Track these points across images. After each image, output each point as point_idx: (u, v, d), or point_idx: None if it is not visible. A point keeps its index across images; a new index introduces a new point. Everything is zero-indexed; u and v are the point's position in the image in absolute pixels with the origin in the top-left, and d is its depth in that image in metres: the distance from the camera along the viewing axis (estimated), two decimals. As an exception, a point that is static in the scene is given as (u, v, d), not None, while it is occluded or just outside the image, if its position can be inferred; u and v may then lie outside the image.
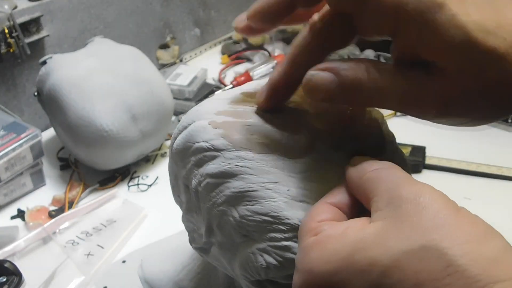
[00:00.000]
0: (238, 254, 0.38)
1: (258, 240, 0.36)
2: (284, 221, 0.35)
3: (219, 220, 0.38)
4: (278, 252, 0.35)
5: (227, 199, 0.37)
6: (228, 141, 0.37)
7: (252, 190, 0.36)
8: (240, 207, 0.36)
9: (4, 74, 0.90)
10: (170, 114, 0.87)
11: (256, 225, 0.36)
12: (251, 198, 0.36)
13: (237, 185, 0.36)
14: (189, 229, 0.45)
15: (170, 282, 0.55)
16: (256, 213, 0.36)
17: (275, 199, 0.36)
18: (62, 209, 0.78)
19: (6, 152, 0.75)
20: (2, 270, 0.62)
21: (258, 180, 0.36)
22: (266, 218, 0.35)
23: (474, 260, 0.25)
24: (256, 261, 0.36)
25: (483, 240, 0.26)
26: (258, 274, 0.37)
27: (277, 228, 0.35)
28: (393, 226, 0.27)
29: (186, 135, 0.40)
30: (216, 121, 0.39)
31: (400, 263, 0.26)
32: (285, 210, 0.35)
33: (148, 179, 0.84)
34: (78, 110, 0.77)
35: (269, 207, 0.35)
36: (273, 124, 0.39)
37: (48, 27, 0.92)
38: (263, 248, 0.36)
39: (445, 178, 0.81)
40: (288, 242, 0.35)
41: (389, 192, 0.29)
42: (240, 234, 0.37)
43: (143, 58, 0.87)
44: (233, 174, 0.37)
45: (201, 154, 0.39)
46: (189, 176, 0.40)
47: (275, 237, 0.35)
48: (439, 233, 0.26)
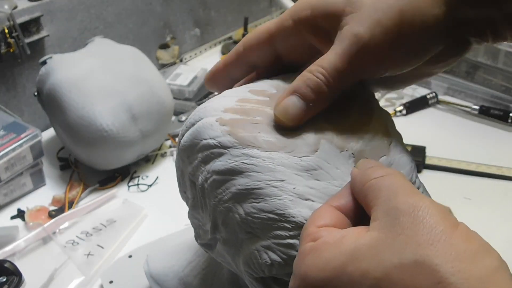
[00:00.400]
0: (243, 250, 0.38)
1: (263, 237, 0.36)
2: (289, 219, 0.35)
3: (225, 217, 0.38)
4: (283, 249, 0.36)
5: (233, 196, 0.37)
6: (235, 139, 0.38)
7: (258, 187, 0.36)
8: (246, 204, 0.36)
9: (4, 74, 0.90)
10: (170, 114, 0.87)
11: (261, 223, 0.36)
12: (257, 196, 0.36)
13: (243, 182, 0.37)
14: (195, 225, 0.45)
15: (175, 277, 0.55)
16: (261, 210, 0.36)
17: (280, 197, 0.36)
18: (62, 209, 0.78)
19: (6, 152, 0.75)
20: (2, 270, 0.62)
21: (264, 177, 0.36)
22: (271, 216, 0.36)
23: (465, 278, 0.25)
24: (261, 258, 0.36)
25: (476, 258, 0.26)
26: (262, 271, 0.37)
27: (282, 226, 0.35)
28: (388, 238, 0.27)
29: (193, 132, 0.40)
30: (223, 118, 0.39)
31: (392, 277, 0.26)
32: (291, 208, 0.35)
33: (148, 179, 0.84)
34: (78, 110, 0.77)
35: (274, 205, 0.36)
36: None
37: (48, 27, 0.92)
38: (268, 245, 0.36)
39: (445, 178, 0.81)
40: (292, 240, 0.35)
41: (388, 203, 0.29)
42: (245, 231, 0.37)
43: (143, 58, 0.87)
44: (240, 172, 0.37)
45: (208, 151, 0.39)
46: (196, 172, 0.40)
47: (280, 235, 0.35)
48: (432, 249, 0.26)
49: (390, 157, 0.39)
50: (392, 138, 0.41)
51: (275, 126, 0.39)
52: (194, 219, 0.44)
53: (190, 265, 0.54)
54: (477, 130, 0.93)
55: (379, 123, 0.41)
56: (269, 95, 0.41)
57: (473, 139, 0.90)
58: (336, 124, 0.39)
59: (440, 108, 0.99)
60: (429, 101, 0.99)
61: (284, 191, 0.36)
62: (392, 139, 0.40)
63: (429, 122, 0.96)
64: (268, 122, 0.39)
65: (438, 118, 0.97)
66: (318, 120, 0.39)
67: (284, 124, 0.38)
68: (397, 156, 0.40)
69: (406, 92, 1.03)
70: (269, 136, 0.38)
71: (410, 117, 0.97)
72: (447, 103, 0.99)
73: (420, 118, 0.97)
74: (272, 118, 0.39)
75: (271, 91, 0.42)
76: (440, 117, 0.97)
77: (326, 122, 0.39)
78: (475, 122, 0.95)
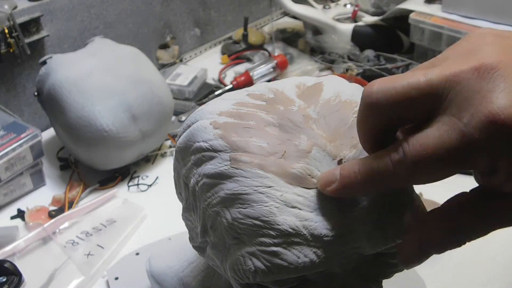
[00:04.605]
0: (229, 256, 0.38)
1: (248, 243, 0.36)
2: (274, 227, 0.35)
3: (213, 221, 0.38)
4: (266, 257, 0.35)
5: (221, 201, 0.37)
6: (226, 142, 0.38)
7: (245, 193, 0.36)
8: (233, 209, 0.36)
9: (4, 74, 0.90)
10: (170, 114, 0.87)
11: (246, 228, 0.36)
12: (244, 201, 0.36)
13: (231, 187, 0.36)
14: (188, 227, 0.45)
15: (175, 277, 0.55)
16: (247, 216, 0.36)
17: (266, 203, 0.35)
18: (62, 209, 0.78)
19: (6, 152, 0.75)
20: (2, 270, 0.62)
21: (251, 183, 0.36)
22: (256, 222, 0.35)
23: None
24: (245, 264, 0.36)
25: None
26: (247, 277, 0.37)
27: (266, 233, 0.35)
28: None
29: (188, 134, 0.40)
30: (217, 122, 0.39)
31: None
32: (276, 216, 0.35)
33: (148, 179, 0.84)
34: (78, 110, 0.77)
35: (260, 211, 0.35)
36: (273, 127, 0.39)
37: (48, 27, 0.92)
38: (252, 252, 0.36)
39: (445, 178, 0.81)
40: (276, 248, 0.35)
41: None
42: (231, 236, 0.37)
43: (143, 58, 0.87)
44: (229, 176, 0.37)
45: (200, 153, 0.39)
46: (189, 175, 0.40)
47: (265, 242, 0.35)
48: None
49: None
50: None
51: (268, 131, 0.38)
52: (187, 221, 0.45)
53: (190, 266, 0.54)
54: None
55: None
56: (266, 100, 0.41)
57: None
58: (330, 132, 0.39)
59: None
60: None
61: (271, 197, 0.35)
62: None
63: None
64: (261, 127, 0.38)
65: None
66: (313, 126, 0.39)
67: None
68: None
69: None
70: (260, 141, 0.37)
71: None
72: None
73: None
74: (266, 122, 0.39)
75: (269, 95, 0.42)
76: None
77: (321, 129, 0.39)
78: (475, 122, 0.95)
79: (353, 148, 0.38)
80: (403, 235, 0.35)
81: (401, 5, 1.07)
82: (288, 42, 1.21)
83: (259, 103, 0.41)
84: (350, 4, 1.26)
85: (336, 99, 0.41)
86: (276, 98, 0.41)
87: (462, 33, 0.96)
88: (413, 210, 0.37)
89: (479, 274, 0.65)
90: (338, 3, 1.28)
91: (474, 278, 0.64)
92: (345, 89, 0.42)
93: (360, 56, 1.09)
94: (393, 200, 0.37)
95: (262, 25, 1.33)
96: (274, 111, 0.40)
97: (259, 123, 0.39)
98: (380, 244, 0.37)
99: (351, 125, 0.39)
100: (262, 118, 0.39)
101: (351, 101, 0.41)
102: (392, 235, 0.37)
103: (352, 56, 1.11)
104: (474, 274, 0.65)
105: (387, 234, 0.37)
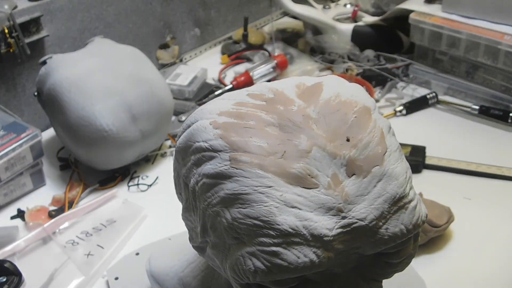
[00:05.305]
0: (229, 256, 0.38)
1: (248, 243, 0.36)
2: (273, 227, 0.35)
3: (213, 221, 0.38)
4: (266, 257, 0.35)
5: (221, 201, 0.37)
6: (226, 142, 0.38)
7: (245, 193, 0.36)
8: (233, 209, 0.36)
9: (4, 74, 0.90)
10: (170, 114, 0.87)
11: (246, 228, 0.36)
12: (244, 201, 0.36)
13: (231, 187, 0.36)
14: (188, 227, 0.45)
15: (175, 277, 0.55)
16: (247, 216, 0.36)
17: (266, 203, 0.35)
18: (62, 209, 0.78)
19: (6, 152, 0.75)
20: (2, 270, 0.62)
21: (251, 183, 0.36)
22: (256, 222, 0.35)
23: None
24: (245, 264, 0.36)
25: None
26: (247, 277, 0.37)
27: (266, 233, 0.35)
28: None
29: (188, 134, 0.40)
30: (217, 122, 0.39)
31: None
32: (276, 216, 0.35)
33: (148, 179, 0.84)
34: (78, 110, 0.77)
35: (260, 211, 0.35)
36: (273, 127, 0.39)
37: (48, 27, 0.92)
38: (252, 252, 0.36)
39: (445, 178, 0.81)
40: (276, 248, 0.35)
41: None
42: (231, 236, 0.37)
43: (143, 58, 0.87)
44: (228, 176, 0.37)
45: (200, 153, 0.39)
46: (189, 175, 0.40)
47: (264, 242, 0.35)
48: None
49: (384, 167, 0.38)
50: (387, 147, 0.40)
51: (268, 131, 0.38)
52: (187, 221, 0.45)
53: (190, 266, 0.54)
54: (477, 130, 0.93)
55: (375, 132, 0.40)
56: (266, 100, 0.41)
57: (473, 139, 0.90)
58: (330, 132, 0.39)
59: (440, 108, 0.99)
60: (429, 101, 0.99)
61: (271, 197, 0.35)
62: (387, 148, 0.40)
63: (429, 122, 0.96)
64: (261, 127, 0.38)
65: (438, 118, 0.97)
66: (313, 126, 0.39)
67: None
68: (391, 166, 0.39)
69: (406, 92, 1.03)
70: (260, 141, 0.37)
71: (410, 117, 0.97)
72: (447, 103, 0.99)
73: (420, 118, 0.97)
74: (266, 122, 0.39)
75: (269, 95, 0.41)
76: (440, 117, 0.97)
77: (321, 129, 0.39)
78: (475, 122, 0.95)
79: (353, 148, 0.38)
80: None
81: (401, 5, 1.07)
82: (288, 42, 1.21)
83: (259, 103, 0.41)
84: (350, 4, 1.26)
85: (336, 99, 0.41)
86: (276, 98, 0.41)
87: (462, 33, 0.96)
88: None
89: (479, 274, 0.65)
90: (338, 3, 1.28)
91: (474, 278, 0.64)
92: (345, 89, 0.42)
93: (360, 56, 1.09)
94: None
95: (262, 25, 1.33)
96: (274, 111, 0.40)
97: (259, 123, 0.39)
98: (380, 244, 0.37)
99: (351, 125, 0.39)
100: (262, 118, 0.39)
101: (351, 101, 0.41)
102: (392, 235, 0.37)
103: (352, 56, 1.11)
104: (474, 274, 0.65)
105: (387, 234, 0.37)
